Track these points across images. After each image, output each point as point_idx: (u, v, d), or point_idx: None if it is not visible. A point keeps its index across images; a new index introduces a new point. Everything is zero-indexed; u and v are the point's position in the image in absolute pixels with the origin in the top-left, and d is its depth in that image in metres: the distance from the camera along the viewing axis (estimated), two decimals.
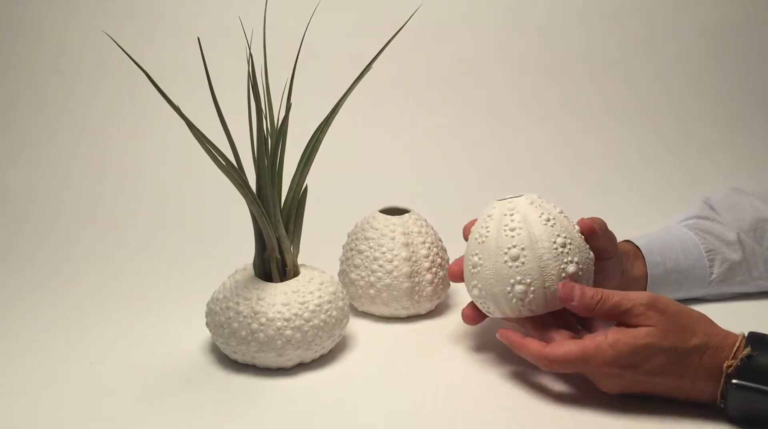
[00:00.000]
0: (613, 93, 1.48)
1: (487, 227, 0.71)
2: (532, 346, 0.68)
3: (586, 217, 0.73)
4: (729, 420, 0.64)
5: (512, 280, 0.69)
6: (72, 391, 0.71)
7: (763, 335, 0.64)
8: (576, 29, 1.48)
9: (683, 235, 0.86)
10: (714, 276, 0.85)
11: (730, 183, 1.01)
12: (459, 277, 0.77)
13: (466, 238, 0.77)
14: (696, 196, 0.94)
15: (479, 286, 0.71)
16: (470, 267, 0.72)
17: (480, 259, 0.71)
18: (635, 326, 0.65)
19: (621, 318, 0.66)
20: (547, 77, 1.47)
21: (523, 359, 0.71)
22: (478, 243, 0.71)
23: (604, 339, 0.64)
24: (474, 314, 0.76)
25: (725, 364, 0.63)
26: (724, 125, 1.46)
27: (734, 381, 0.62)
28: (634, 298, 0.65)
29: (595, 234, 0.73)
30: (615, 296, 0.66)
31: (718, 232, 0.86)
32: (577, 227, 0.72)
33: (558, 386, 0.71)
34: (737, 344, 0.63)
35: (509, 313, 0.71)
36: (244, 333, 0.72)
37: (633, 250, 0.83)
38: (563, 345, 0.66)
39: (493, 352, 0.78)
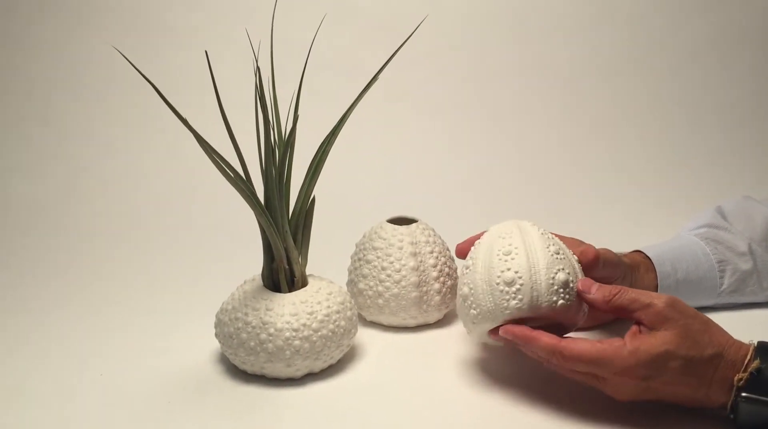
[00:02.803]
0: (621, 100, 1.47)
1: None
2: (544, 338, 0.65)
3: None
4: None
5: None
6: (82, 401, 0.72)
7: None
8: (583, 36, 1.48)
9: (694, 245, 0.86)
10: (724, 287, 0.85)
11: (739, 189, 1.00)
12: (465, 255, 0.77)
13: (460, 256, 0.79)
14: (705, 203, 0.94)
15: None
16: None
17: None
18: (650, 326, 0.64)
19: (638, 315, 0.65)
20: (555, 85, 1.47)
21: (526, 369, 0.70)
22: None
23: (623, 345, 0.63)
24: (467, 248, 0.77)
25: (736, 378, 0.62)
26: (733, 131, 1.46)
27: (743, 394, 0.62)
28: (654, 295, 0.65)
29: (595, 265, 0.73)
30: (634, 292, 0.66)
31: (729, 242, 0.86)
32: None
33: (566, 395, 0.71)
34: (748, 356, 0.63)
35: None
36: (252, 343, 0.72)
37: (644, 262, 0.83)
38: (580, 342, 0.65)
39: (502, 362, 0.78)
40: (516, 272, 0.68)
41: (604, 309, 0.68)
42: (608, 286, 0.68)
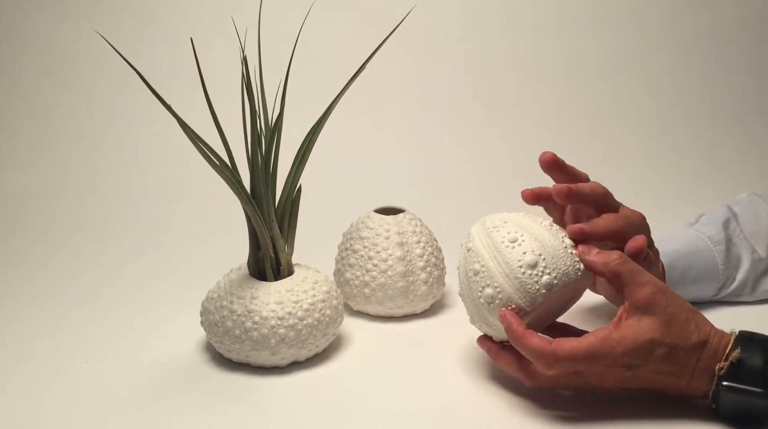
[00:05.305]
0: (617, 95, 1.47)
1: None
2: (534, 339, 0.64)
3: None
4: (721, 419, 0.65)
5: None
6: (67, 389, 0.72)
7: (752, 334, 0.65)
8: (579, 30, 1.47)
9: (706, 255, 0.85)
10: (721, 295, 0.86)
11: (738, 185, 1.00)
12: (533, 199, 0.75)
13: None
14: (703, 200, 0.94)
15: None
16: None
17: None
18: (636, 307, 0.63)
19: (628, 291, 0.64)
20: (547, 78, 1.46)
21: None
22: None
23: (609, 334, 0.63)
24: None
25: (717, 367, 0.63)
26: (732, 127, 1.45)
27: (724, 383, 0.62)
28: (649, 277, 0.64)
29: (638, 255, 0.70)
30: (634, 264, 0.65)
31: (738, 251, 0.86)
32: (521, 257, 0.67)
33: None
34: (729, 345, 0.64)
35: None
36: (238, 332, 0.72)
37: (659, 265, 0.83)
38: (568, 341, 0.64)
39: None
40: (533, 252, 0.66)
41: (600, 273, 0.66)
42: (610, 251, 0.66)
